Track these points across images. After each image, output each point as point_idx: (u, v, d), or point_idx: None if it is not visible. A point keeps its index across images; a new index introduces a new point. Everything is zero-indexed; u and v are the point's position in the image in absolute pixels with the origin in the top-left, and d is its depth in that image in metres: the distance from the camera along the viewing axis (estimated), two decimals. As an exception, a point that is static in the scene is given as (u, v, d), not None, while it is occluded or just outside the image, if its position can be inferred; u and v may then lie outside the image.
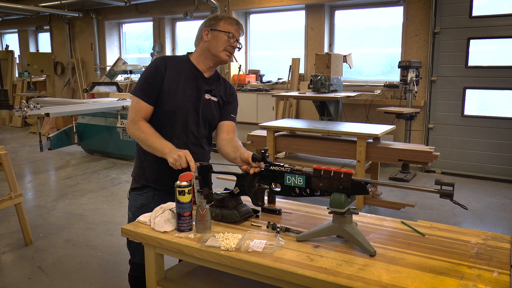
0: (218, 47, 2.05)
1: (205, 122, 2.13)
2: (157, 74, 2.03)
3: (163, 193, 2.09)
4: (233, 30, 2.06)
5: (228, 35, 2.04)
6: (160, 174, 2.09)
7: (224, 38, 2.04)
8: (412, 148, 4.04)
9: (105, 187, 5.31)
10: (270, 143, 4.50)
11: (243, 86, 7.50)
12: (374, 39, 6.77)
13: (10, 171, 3.44)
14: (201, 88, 2.09)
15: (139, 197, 2.14)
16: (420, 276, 1.33)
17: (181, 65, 2.09)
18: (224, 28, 2.04)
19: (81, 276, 3.07)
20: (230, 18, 2.08)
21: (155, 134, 1.98)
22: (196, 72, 2.10)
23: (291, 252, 1.50)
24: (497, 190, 5.19)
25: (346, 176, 1.54)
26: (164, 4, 8.23)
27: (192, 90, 2.07)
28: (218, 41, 2.04)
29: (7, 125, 10.49)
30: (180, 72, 2.07)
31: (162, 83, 2.03)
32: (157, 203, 1.93)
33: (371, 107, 6.23)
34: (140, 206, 2.11)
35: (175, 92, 2.04)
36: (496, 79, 5.51)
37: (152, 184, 2.12)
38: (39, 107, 5.42)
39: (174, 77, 2.05)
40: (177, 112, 2.05)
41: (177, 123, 2.06)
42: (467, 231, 1.70)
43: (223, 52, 2.06)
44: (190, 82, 2.07)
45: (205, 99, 2.10)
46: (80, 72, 9.74)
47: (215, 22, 2.05)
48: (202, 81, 2.10)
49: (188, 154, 1.85)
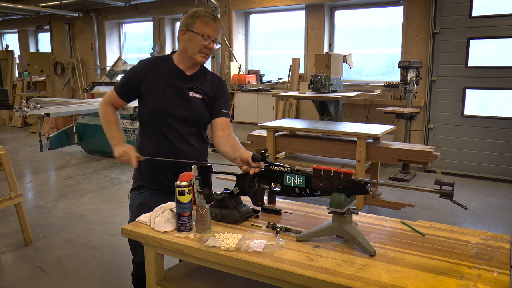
0: (194, 49, 2.03)
1: (191, 120, 2.11)
2: (132, 79, 2.11)
3: (159, 192, 2.13)
4: (209, 30, 2.00)
5: (203, 37, 2.00)
6: (154, 175, 2.13)
7: (200, 40, 2.01)
8: (412, 148, 4.04)
9: (105, 187, 5.31)
10: (270, 143, 4.50)
11: (243, 86, 7.50)
12: (374, 39, 6.77)
13: (10, 171, 3.44)
14: (182, 86, 2.09)
15: (138, 197, 2.18)
16: (420, 276, 1.33)
17: (162, 65, 2.12)
18: (199, 29, 2.00)
19: (81, 276, 3.07)
20: (207, 17, 2.01)
21: (111, 123, 2.11)
22: (177, 71, 2.10)
23: (291, 252, 1.50)
24: (497, 190, 5.19)
25: (346, 176, 1.54)
26: (164, 4, 8.23)
27: (173, 89, 2.08)
28: (194, 43, 2.02)
29: (7, 125, 10.49)
30: (161, 73, 2.10)
31: (140, 86, 2.09)
32: (154, 202, 1.99)
33: (371, 107, 6.23)
34: (138, 205, 2.15)
35: (155, 93, 2.07)
36: (496, 79, 5.51)
37: (148, 184, 2.16)
38: (39, 107, 5.42)
39: (154, 79, 2.09)
40: (159, 112, 2.08)
41: (160, 123, 2.09)
42: (467, 231, 1.70)
43: (198, 55, 2.04)
44: (170, 82, 2.08)
45: (189, 97, 2.09)
46: (80, 72, 9.74)
47: (191, 22, 2.01)
48: (183, 79, 2.10)
49: (132, 150, 1.96)
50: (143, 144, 2.16)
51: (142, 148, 2.14)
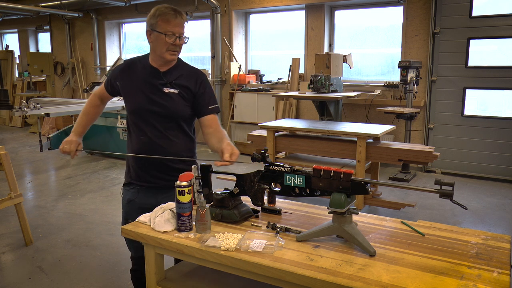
0: (161, 48, 2.04)
1: (168, 115, 2.12)
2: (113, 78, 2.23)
3: (145, 188, 2.19)
4: (172, 27, 2.00)
5: (167, 36, 2.01)
6: (138, 171, 2.19)
7: (164, 39, 2.01)
8: (412, 148, 4.04)
9: (105, 187, 5.31)
10: (270, 143, 4.50)
11: (243, 86, 7.50)
12: (374, 39, 6.77)
13: (10, 171, 3.44)
14: (156, 83, 2.11)
15: (127, 193, 2.25)
16: (420, 276, 1.33)
17: (138, 65, 2.17)
18: (162, 28, 2.00)
19: (81, 276, 3.07)
20: (167, 14, 2.00)
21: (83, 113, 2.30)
22: (151, 69, 2.13)
23: (291, 252, 1.50)
24: (497, 190, 5.19)
25: (346, 176, 1.54)
26: (164, 4, 8.22)
27: (147, 87, 2.11)
28: (160, 43, 2.03)
29: (7, 125, 10.49)
30: (136, 72, 2.15)
31: (119, 87, 2.19)
32: (141, 198, 2.16)
33: (371, 107, 6.23)
34: (128, 201, 2.24)
35: (132, 92, 2.14)
36: (496, 79, 5.51)
37: (134, 180, 2.22)
38: (39, 107, 5.42)
39: (130, 79, 2.15)
40: (137, 110, 2.14)
41: (139, 121, 2.15)
42: (467, 231, 1.70)
43: (166, 53, 2.06)
44: (145, 80, 2.12)
45: (164, 93, 2.10)
46: (80, 72, 9.74)
47: (154, 22, 2.02)
48: (157, 76, 2.12)
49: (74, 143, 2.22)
50: (128, 142, 2.24)
51: (128, 145, 2.24)
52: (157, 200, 2.10)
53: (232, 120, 7.62)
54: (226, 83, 7.82)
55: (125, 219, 2.23)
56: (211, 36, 7.92)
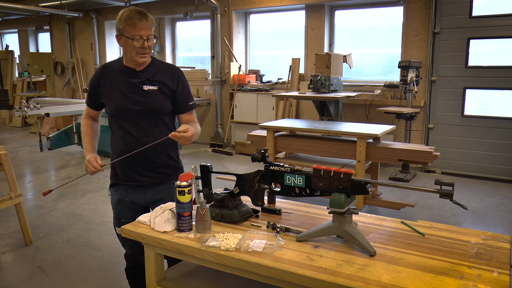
0: (131, 52, 2.06)
1: (150, 112, 2.14)
2: (92, 88, 2.23)
3: (132, 187, 2.21)
4: (138, 31, 2.01)
5: (135, 40, 2.02)
6: (126, 171, 2.20)
7: (132, 43, 2.03)
8: (412, 148, 4.04)
9: (105, 187, 5.31)
10: (270, 143, 4.50)
11: (243, 86, 7.49)
12: (374, 39, 6.77)
13: (10, 171, 3.44)
14: (135, 82, 2.13)
15: (115, 193, 2.27)
16: (420, 276, 1.33)
17: (115, 68, 2.19)
18: (129, 33, 2.01)
19: (81, 276, 3.07)
20: (133, 18, 2.00)
21: (85, 135, 2.28)
22: (127, 70, 2.14)
23: (291, 252, 1.50)
24: (497, 190, 5.19)
25: (346, 176, 1.54)
26: (164, 4, 8.23)
27: (126, 87, 2.13)
28: (129, 47, 2.05)
29: (7, 125, 10.49)
30: (113, 75, 2.17)
31: (99, 93, 2.19)
32: (130, 196, 2.18)
33: (371, 107, 6.23)
34: (117, 201, 2.26)
35: (112, 94, 2.15)
36: (496, 79, 5.51)
37: (121, 181, 2.23)
38: (39, 107, 5.43)
39: (109, 81, 2.17)
40: (119, 111, 2.15)
41: (122, 122, 2.16)
42: (467, 231, 1.70)
43: (137, 56, 2.08)
44: (123, 81, 2.14)
45: (144, 91, 2.12)
46: (80, 72, 9.74)
47: (122, 27, 2.03)
48: (134, 75, 2.14)
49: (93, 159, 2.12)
50: (113, 144, 2.25)
51: (113, 147, 2.24)
52: (146, 198, 2.18)
53: (232, 120, 7.62)
54: (226, 83, 7.82)
55: (117, 219, 2.26)
56: (211, 36, 7.92)
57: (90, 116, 2.33)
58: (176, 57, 8.91)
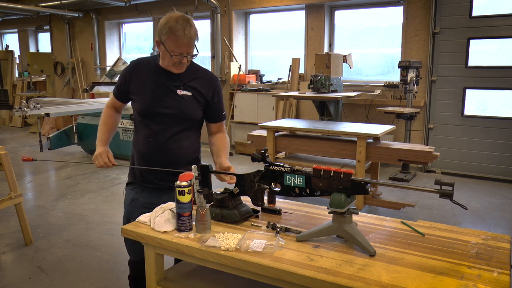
0: (168, 63, 2.01)
1: (180, 118, 2.09)
2: (123, 81, 2.15)
3: (149, 189, 2.17)
4: (179, 49, 1.93)
5: (173, 56, 1.96)
6: (144, 172, 2.15)
7: (170, 57, 1.97)
8: (412, 148, 4.04)
9: (105, 187, 5.31)
10: (270, 143, 4.49)
11: (243, 86, 7.49)
12: (374, 39, 6.77)
13: (10, 171, 3.44)
14: (169, 85, 2.07)
15: (130, 192, 2.22)
16: (420, 276, 1.33)
17: (149, 66, 2.11)
18: (169, 47, 1.94)
19: (81, 276, 3.07)
20: (176, 33, 1.89)
21: (102, 125, 2.20)
22: (163, 71, 2.07)
23: (291, 252, 1.50)
24: (497, 190, 5.19)
25: (346, 176, 1.54)
26: (164, 4, 8.23)
27: (160, 88, 2.07)
28: (167, 58, 1.99)
29: (7, 125, 10.49)
30: (148, 73, 2.10)
31: (129, 88, 2.12)
32: (145, 197, 2.13)
33: (371, 107, 6.23)
34: (131, 200, 2.20)
35: (143, 93, 2.09)
36: (496, 79, 5.51)
37: (138, 181, 2.19)
38: (39, 107, 5.42)
39: (141, 79, 2.10)
40: (148, 111, 2.09)
41: (149, 122, 2.10)
42: (467, 231, 1.70)
43: (173, 67, 2.03)
44: (157, 81, 2.07)
45: (177, 96, 2.07)
46: (80, 72, 9.74)
47: (164, 38, 1.94)
48: (170, 78, 2.07)
49: (105, 153, 2.05)
50: (135, 143, 2.19)
51: (134, 146, 2.19)
52: (162, 200, 2.07)
53: (232, 120, 7.62)
54: (226, 83, 7.82)
55: (127, 218, 2.17)
56: (211, 36, 7.92)
57: (114, 107, 2.24)
58: (176, 57, 8.90)
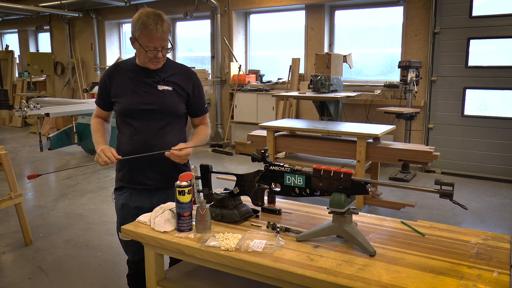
0: (144, 58, 2.04)
1: (162, 113, 2.10)
2: (102, 88, 2.17)
3: (138, 191, 2.16)
4: (153, 43, 1.96)
5: (148, 50, 1.97)
6: (133, 173, 2.15)
7: (145, 53, 1.99)
8: (412, 148, 4.04)
9: (105, 187, 5.31)
10: (270, 143, 4.49)
11: (243, 86, 7.49)
12: (374, 39, 6.77)
13: (10, 171, 3.44)
14: (149, 81, 2.09)
15: (120, 197, 2.21)
16: (420, 276, 1.33)
17: (127, 67, 2.14)
18: (143, 43, 1.96)
19: (81, 276, 3.07)
20: (149, 28, 1.92)
21: (95, 132, 2.19)
22: (141, 69, 2.10)
23: (291, 252, 1.50)
24: (497, 190, 5.19)
25: (346, 176, 1.54)
26: (164, 4, 8.23)
27: (139, 86, 2.09)
28: (142, 54, 2.02)
29: (7, 125, 10.49)
30: (126, 74, 2.12)
31: (110, 90, 2.13)
32: (135, 201, 2.12)
33: (371, 107, 6.23)
34: (121, 206, 2.19)
35: (124, 93, 2.10)
36: (496, 79, 5.51)
37: (126, 184, 2.17)
38: (39, 107, 5.43)
39: (121, 81, 2.12)
40: (130, 109, 2.10)
41: (132, 121, 2.11)
42: (467, 231, 1.70)
43: (149, 63, 2.05)
44: (137, 79, 2.10)
45: (158, 91, 2.09)
46: (80, 72, 9.74)
47: (137, 34, 1.97)
48: (149, 75, 2.09)
49: (107, 150, 2.01)
50: (119, 144, 2.19)
51: (119, 148, 2.17)
52: (152, 203, 2.09)
53: (232, 120, 7.62)
54: (226, 83, 7.82)
55: (121, 223, 2.13)
56: (211, 36, 7.92)
57: (100, 117, 2.26)
58: (176, 57, 8.90)
